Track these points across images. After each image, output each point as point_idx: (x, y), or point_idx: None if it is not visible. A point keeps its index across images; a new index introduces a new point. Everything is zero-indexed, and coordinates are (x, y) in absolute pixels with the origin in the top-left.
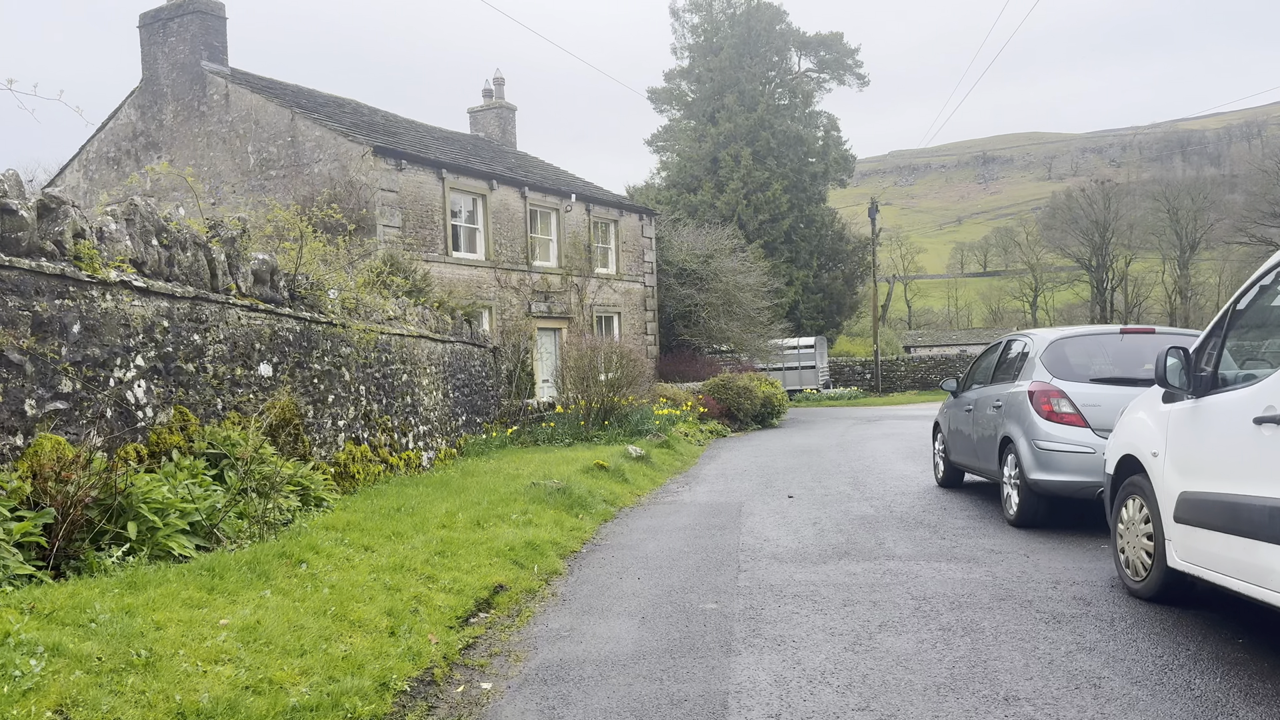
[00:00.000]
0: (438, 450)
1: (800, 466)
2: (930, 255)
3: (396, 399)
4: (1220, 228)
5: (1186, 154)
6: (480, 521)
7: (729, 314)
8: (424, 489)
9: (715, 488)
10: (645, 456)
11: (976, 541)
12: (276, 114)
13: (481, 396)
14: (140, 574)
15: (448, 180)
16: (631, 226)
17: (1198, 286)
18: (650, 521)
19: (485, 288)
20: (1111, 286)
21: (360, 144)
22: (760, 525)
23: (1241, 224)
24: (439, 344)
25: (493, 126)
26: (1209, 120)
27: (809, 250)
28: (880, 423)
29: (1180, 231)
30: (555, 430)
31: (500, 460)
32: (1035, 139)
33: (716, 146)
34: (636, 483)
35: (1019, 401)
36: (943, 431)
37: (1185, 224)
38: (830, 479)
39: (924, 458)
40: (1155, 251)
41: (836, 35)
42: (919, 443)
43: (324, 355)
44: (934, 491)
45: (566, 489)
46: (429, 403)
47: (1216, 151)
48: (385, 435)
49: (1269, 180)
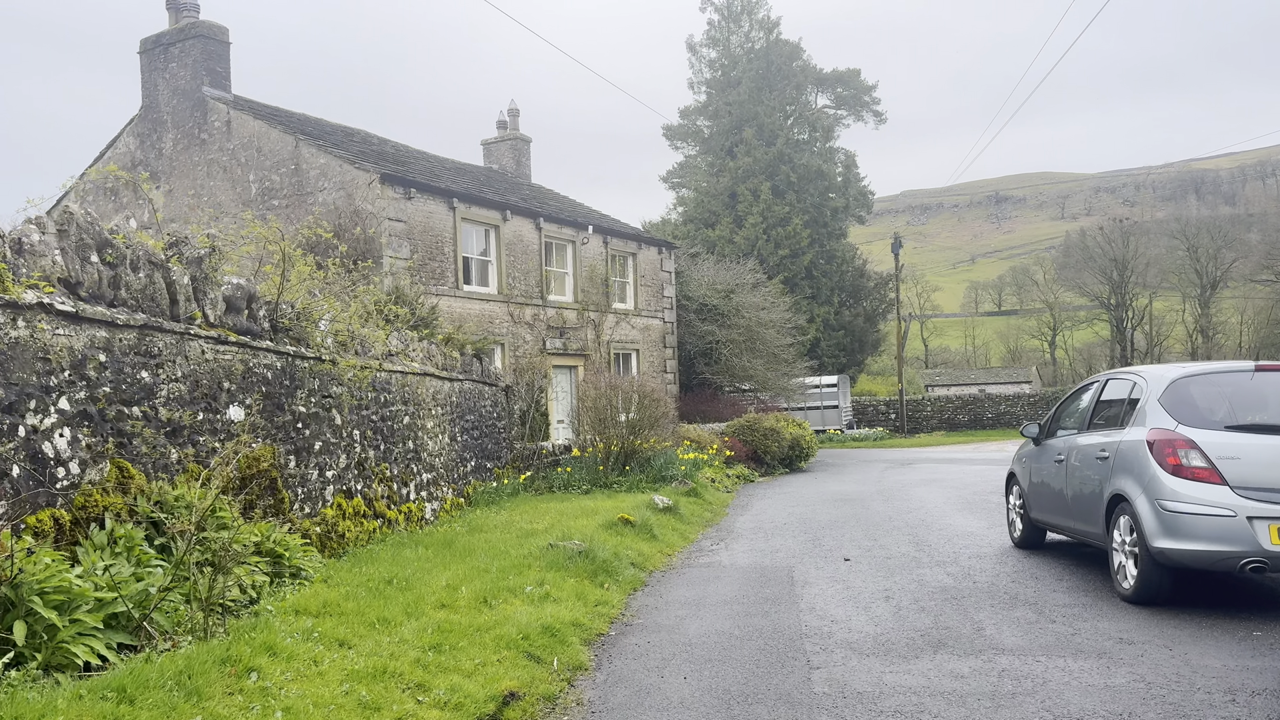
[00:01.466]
0: (443, 501)
1: (845, 519)
2: (945, 294)
3: (396, 444)
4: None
5: (1200, 193)
6: (487, 597)
7: (752, 351)
8: (424, 551)
9: (755, 546)
10: (673, 508)
11: (1095, 625)
12: (279, 141)
13: (492, 439)
14: (17, 703)
15: (459, 210)
16: (650, 260)
17: (1219, 325)
18: (688, 591)
19: (497, 323)
20: (1132, 325)
21: (366, 171)
22: (821, 599)
23: (1269, 261)
24: (446, 382)
25: (507, 158)
26: (1222, 160)
27: (830, 286)
28: (915, 467)
29: (1200, 270)
30: (572, 476)
31: (512, 512)
32: (1048, 178)
33: (735, 181)
34: (666, 539)
35: (1134, 452)
36: (1020, 484)
37: (1205, 262)
38: (886, 536)
39: (983, 510)
40: (1175, 290)
41: (854, 72)
42: (968, 491)
43: (310, 396)
44: (1013, 554)
45: (589, 552)
46: (434, 447)
47: (1231, 191)
48: (382, 486)
49: None
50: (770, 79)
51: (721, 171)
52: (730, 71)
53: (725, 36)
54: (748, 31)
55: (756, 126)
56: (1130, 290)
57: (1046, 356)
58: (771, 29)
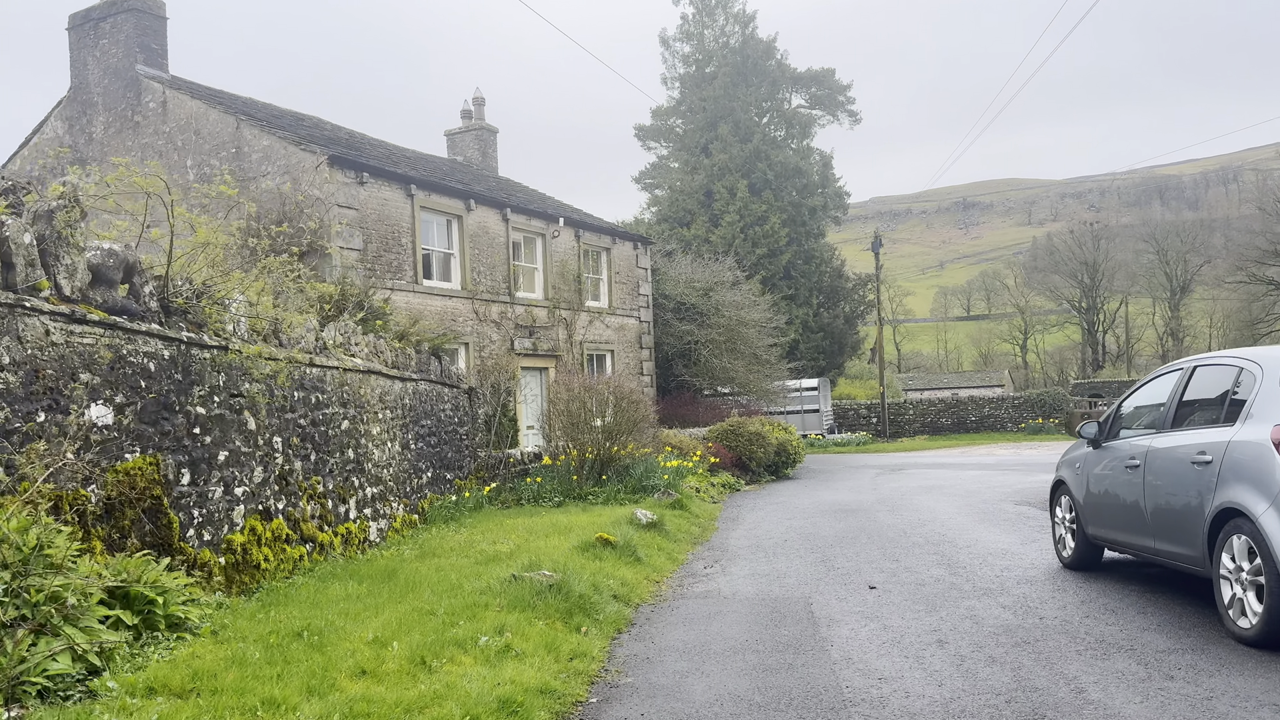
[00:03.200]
0: (392, 518)
1: (853, 534)
2: (916, 299)
3: (333, 454)
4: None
5: (1165, 198)
6: (427, 656)
7: (732, 352)
8: (357, 585)
9: (757, 569)
10: (657, 523)
11: (1229, 682)
12: (219, 122)
13: (453, 447)
14: None
15: (417, 198)
16: (625, 256)
17: (1189, 329)
18: (686, 634)
19: (461, 321)
20: (1103, 328)
21: (314, 154)
22: (856, 644)
23: (1241, 263)
24: (397, 382)
25: (472, 150)
26: (1185, 166)
27: (809, 287)
28: (908, 473)
29: (1170, 273)
30: (542, 487)
31: (474, 530)
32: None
33: (710, 178)
34: (653, 562)
35: (1255, 455)
36: (1072, 494)
37: (1175, 265)
38: (908, 555)
39: (1004, 521)
40: (1145, 294)
41: (828, 71)
42: (977, 500)
43: (213, 394)
44: (1069, 579)
45: (562, 585)
46: (380, 457)
47: (1194, 196)
48: (313, 504)
49: (1268, 220)
50: (746, 74)
51: (696, 169)
52: (705, 67)
53: (699, 30)
54: (723, 25)
55: (732, 122)
56: (1101, 293)
57: (1018, 360)
58: (747, 23)
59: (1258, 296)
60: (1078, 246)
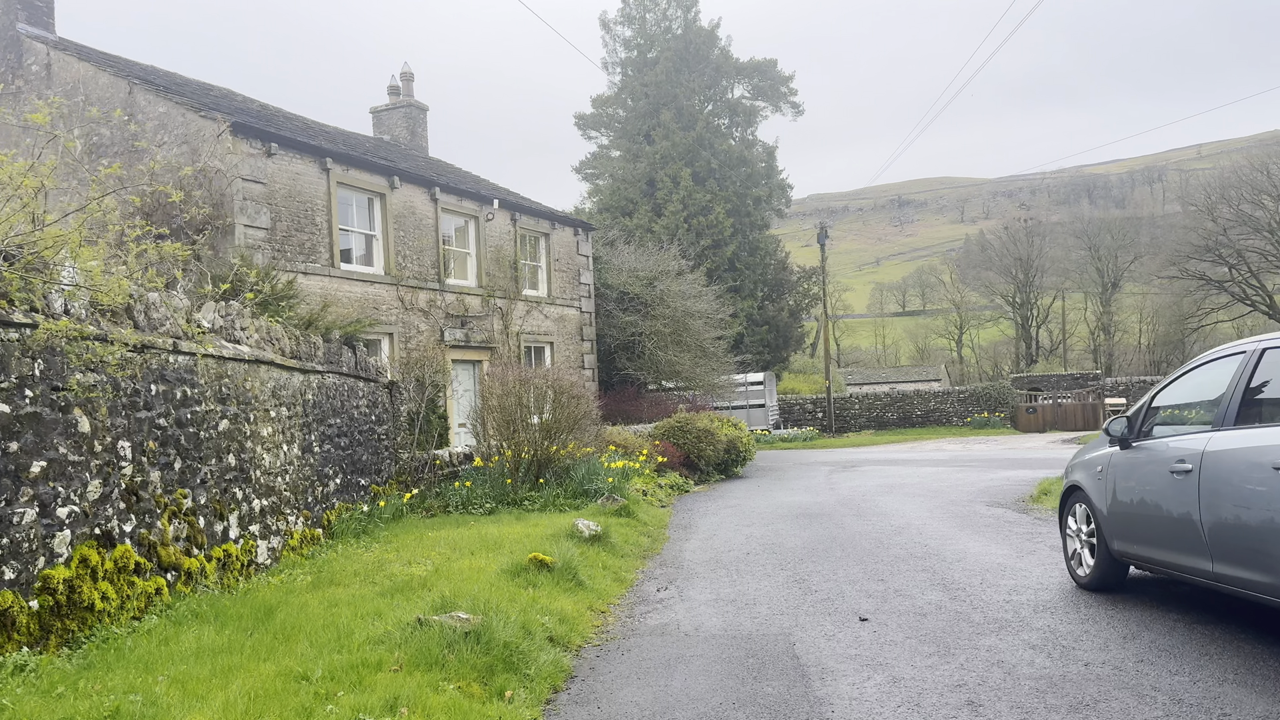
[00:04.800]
0: (288, 534)
1: (823, 545)
2: (853, 295)
3: (206, 460)
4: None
5: (1093, 197)
6: None
7: (679, 344)
8: (218, 633)
9: (721, 591)
10: (601, 536)
11: None
12: (111, 87)
13: (369, 449)
14: None
15: (334, 173)
16: (565, 242)
17: (1119, 324)
18: (640, 693)
19: (385, 309)
20: (1037, 323)
21: (215, 121)
22: (864, 707)
23: (1175, 259)
24: (297, 375)
25: (400, 128)
26: (1112, 165)
27: (753, 280)
28: (862, 470)
29: (1101, 269)
30: (472, 492)
31: (387, 545)
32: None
33: (653, 167)
34: (598, 586)
35: None
36: (1092, 503)
37: (1106, 262)
38: (894, 573)
39: (985, 527)
40: (1078, 290)
41: (770, 62)
42: (944, 500)
43: (23, 387)
44: (1094, 603)
45: (481, 632)
46: (273, 463)
47: (1121, 195)
48: (178, 523)
49: (1200, 216)
50: (689, 60)
51: (639, 157)
52: (647, 52)
53: (641, 14)
54: (665, 9)
55: (675, 109)
56: (1035, 289)
57: (954, 355)
58: (690, 7)
59: (1190, 291)
60: (1012, 243)
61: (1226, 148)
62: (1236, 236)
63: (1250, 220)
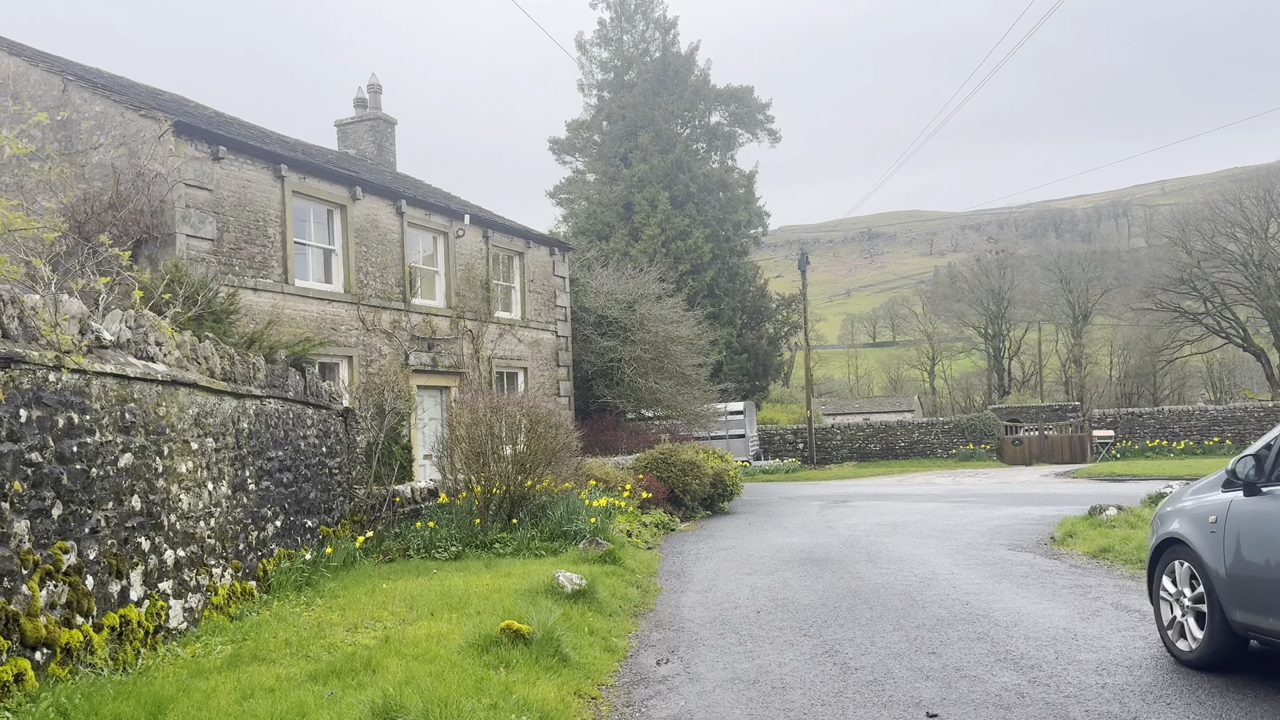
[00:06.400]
0: (212, 590)
1: (845, 600)
2: (826, 325)
3: (100, 503)
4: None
5: (1060, 231)
6: None
7: (660, 371)
8: None
9: (737, 669)
10: (586, 591)
11: None
12: (43, 84)
13: (318, 485)
14: None
15: (289, 181)
16: (541, 263)
17: (1090, 356)
18: None
19: (345, 329)
20: (1009, 355)
21: (156, 121)
22: None
23: (1149, 290)
24: (228, 399)
25: (366, 142)
26: (1078, 200)
27: (733, 306)
28: (855, 506)
29: (1073, 301)
30: (436, 534)
31: (332, 602)
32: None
33: (630, 189)
34: (585, 661)
35: None
36: (1203, 562)
37: (1077, 294)
38: (942, 643)
39: (1017, 576)
40: (1050, 322)
41: (748, 89)
42: (959, 542)
43: None
44: (1219, 690)
45: None
46: (193, 504)
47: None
48: (55, 586)
49: (1173, 248)
50: (667, 83)
51: (615, 179)
52: (624, 74)
53: (618, 35)
54: (642, 31)
55: (653, 131)
56: (1006, 321)
57: (927, 386)
58: (668, 29)
59: (1164, 323)
60: (984, 275)
61: (1189, 184)
62: (1210, 269)
63: (1224, 253)
